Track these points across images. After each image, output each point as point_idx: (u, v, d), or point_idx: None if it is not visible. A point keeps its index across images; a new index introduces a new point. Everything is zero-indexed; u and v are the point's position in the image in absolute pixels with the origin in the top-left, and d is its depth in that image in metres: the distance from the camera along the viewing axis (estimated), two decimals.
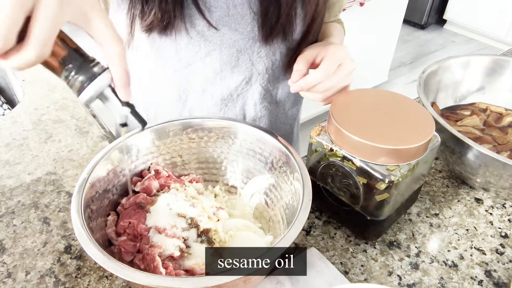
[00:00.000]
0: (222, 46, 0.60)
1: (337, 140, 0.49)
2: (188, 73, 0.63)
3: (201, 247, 0.46)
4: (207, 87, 0.64)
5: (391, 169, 0.46)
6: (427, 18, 3.39)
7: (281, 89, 0.70)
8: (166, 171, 0.54)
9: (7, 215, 0.57)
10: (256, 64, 0.63)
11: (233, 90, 0.65)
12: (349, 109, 0.51)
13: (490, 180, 0.57)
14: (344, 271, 0.51)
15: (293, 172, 0.48)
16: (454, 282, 0.50)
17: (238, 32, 0.58)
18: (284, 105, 0.73)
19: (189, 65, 0.62)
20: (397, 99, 0.53)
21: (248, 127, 0.53)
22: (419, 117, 0.50)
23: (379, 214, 0.50)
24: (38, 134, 0.73)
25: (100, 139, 0.72)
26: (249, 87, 0.65)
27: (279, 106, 0.72)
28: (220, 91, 0.65)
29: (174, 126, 0.54)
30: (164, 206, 0.47)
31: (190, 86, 0.64)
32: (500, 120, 0.70)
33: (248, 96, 0.67)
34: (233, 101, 0.66)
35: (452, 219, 0.58)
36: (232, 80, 0.64)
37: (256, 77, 0.65)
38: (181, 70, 0.62)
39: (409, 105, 0.52)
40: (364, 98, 0.53)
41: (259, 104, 0.68)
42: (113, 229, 0.47)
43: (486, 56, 0.73)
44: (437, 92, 0.71)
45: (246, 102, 0.67)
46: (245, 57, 0.61)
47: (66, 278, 0.49)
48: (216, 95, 0.65)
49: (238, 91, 0.65)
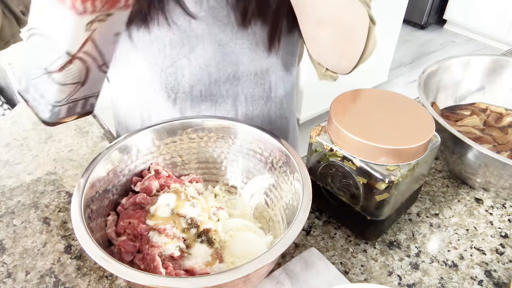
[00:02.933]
0: (204, 41, 0.59)
1: (337, 140, 0.49)
2: (174, 71, 0.63)
3: (201, 247, 0.46)
4: (194, 84, 0.64)
5: (391, 169, 0.46)
6: (427, 18, 3.39)
7: (272, 80, 0.69)
8: (166, 171, 0.54)
9: (7, 215, 0.57)
10: (240, 56, 0.62)
11: (222, 86, 0.65)
12: (349, 109, 0.51)
13: (490, 180, 0.57)
14: (344, 271, 0.51)
15: (293, 172, 0.48)
16: (454, 282, 0.50)
17: (216, 20, 0.58)
18: (277, 97, 0.72)
19: (174, 62, 0.61)
20: (397, 99, 0.53)
21: (248, 127, 0.53)
22: (419, 117, 0.50)
23: (379, 214, 0.50)
24: (38, 134, 0.73)
25: (100, 139, 0.72)
26: (237, 81, 0.65)
27: (271, 98, 0.71)
28: (208, 87, 0.64)
29: (174, 126, 0.54)
30: (164, 206, 0.47)
31: (178, 84, 0.64)
32: (500, 120, 0.70)
33: (238, 90, 0.66)
34: (223, 96, 0.66)
35: (452, 219, 0.58)
36: (219, 75, 0.63)
37: (242, 72, 0.64)
38: (167, 68, 0.62)
39: (409, 105, 0.52)
40: (364, 98, 0.53)
41: (250, 97, 0.68)
42: (113, 229, 0.47)
43: (486, 56, 0.73)
44: (437, 92, 0.71)
45: (237, 98, 0.67)
46: (228, 51, 0.61)
47: (66, 278, 0.49)
48: (204, 91, 0.65)
49: (226, 86, 0.65)
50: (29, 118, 0.76)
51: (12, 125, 0.74)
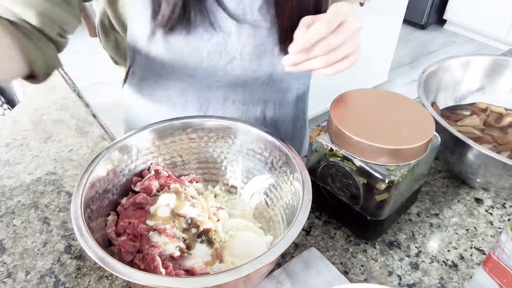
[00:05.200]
0: (242, 53, 0.59)
1: (337, 140, 0.49)
2: (210, 82, 0.62)
3: (201, 247, 0.46)
4: (228, 95, 0.64)
5: (391, 169, 0.46)
6: (427, 18, 3.39)
7: (301, 85, 0.69)
8: (166, 171, 0.54)
9: (7, 215, 0.57)
10: (275, 66, 0.62)
11: (254, 95, 0.65)
12: (349, 109, 0.51)
13: (490, 180, 0.57)
14: (344, 271, 0.51)
15: (293, 172, 0.48)
16: (454, 282, 0.50)
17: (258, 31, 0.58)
18: (302, 100, 0.73)
19: (211, 74, 0.61)
20: (397, 99, 0.53)
21: (248, 127, 0.53)
22: (419, 117, 0.50)
23: (379, 214, 0.50)
24: (38, 134, 0.73)
25: (100, 139, 0.72)
26: (269, 89, 0.65)
27: (298, 102, 0.72)
28: (241, 97, 0.64)
29: (174, 126, 0.54)
30: (164, 206, 0.47)
31: (212, 95, 0.64)
32: (500, 120, 0.70)
33: (269, 98, 0.66)
34: (254, 104, 0.66)
35: (452, 219, 0.58)
36: (253, 85, 0.63)
37: (275, 79, 0.64)
38: (203, 80, 0.62)
39: (409, 105, 0.52)
40: (364, 98, 0.53)
41: (278, 104, 0.68)
42: (113, 229, 0.47)
43: (486, 56, 0.73)
44: (437, 92, 0.71)
45: (267, 105, 0.67)
46: (265, 62, 0.61)
47: (66, 278, 0.49)
48: (237, 101, 0.65)
49: (259, 94, 0.65)
50: (29, 118, 0.76)
51: (12, 125, 0.74)
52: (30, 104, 0.80)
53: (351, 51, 0.48)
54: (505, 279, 0.41)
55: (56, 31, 0.52)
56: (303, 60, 0.47)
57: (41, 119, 0.76)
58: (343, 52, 0.47)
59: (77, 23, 0.55)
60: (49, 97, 0.82)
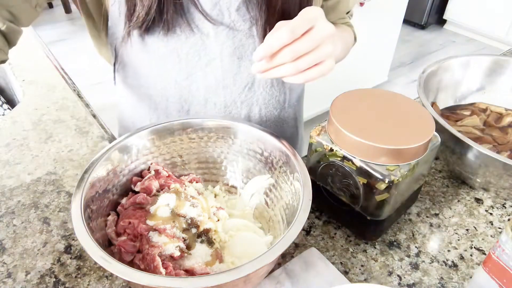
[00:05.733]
0: (222, 53, 0.59)
1: (337, 140, 0.49)
2: (189, 83, 0.62)
3: (201, 247, 0.46)
4: (209, 97, 0.64)
5: (391, 169, 0.46)
6: (427, 18, 3.39)
7: (287, 92, 0.69)
8: (166, 171, 0.54)
9: (7, 215, 0.57)
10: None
11: (237, 97, 0.64)
12: (349, 109, 0.51)
13: (490, 180, 0.57)
14: (344, 271, 0.51)
15: (293, 172, 0.48)
16: (454, 282, 0.50)
17: (237, 33, 0.58)
18: (291, 103, 0.72)
19: (190, 75, 0.61)
20: (397, 99, 0.53)
21: (248, 127, 0.53)
22: (419, 117, 0.50)
23: (379, 214, 0.50)
24: (38, 134, 0.73)
25: (100, 139, 0.72)
26: (252, 93, 0.65)
27: (285, 105, 0.71)
28: (223, 99, 0.64)
29: (174, 126, 0.54)
30: (164, 206, 0.47)
31: (192, 96, 0.64)
32: (500, 120, 0.70)
33: (253, 102, 0.66)
34: (237, 108, 0.66)
35: (452, 219, 0.58)
36: (235, 87, 0.63)
37: (259, 82, 0.64)
38: (182, 81, 0.62)
39: (409, 105, 0.52)
40: (364, 98, 0.53)
41: (264, 109, 0.67)
42: (113, 229, 0.47)
43: (486, 56, 0.73)
44: (437, 92, 0.71)
45: (251, 109, 0.67)
46: (246, 63, 0.61)
47: (66, 278, 0.49)
48: (219, 103, 0.64)
49: (241, 98, 0.65)
50: (29, 118, 0.76)
51: (12, 125, 0.74)
52: (30, 104, 0.80)
53: (320, 58, 0.44)
54: (505, 279, 0.41)
55: (3, 15, 0.48)
56: (269, 67, 0.45)
57: (41, 119, 0.76)
58: (312, 59, 0.44)
59: (33, 13, 0.52)
60: (49, 97, 0.82)
